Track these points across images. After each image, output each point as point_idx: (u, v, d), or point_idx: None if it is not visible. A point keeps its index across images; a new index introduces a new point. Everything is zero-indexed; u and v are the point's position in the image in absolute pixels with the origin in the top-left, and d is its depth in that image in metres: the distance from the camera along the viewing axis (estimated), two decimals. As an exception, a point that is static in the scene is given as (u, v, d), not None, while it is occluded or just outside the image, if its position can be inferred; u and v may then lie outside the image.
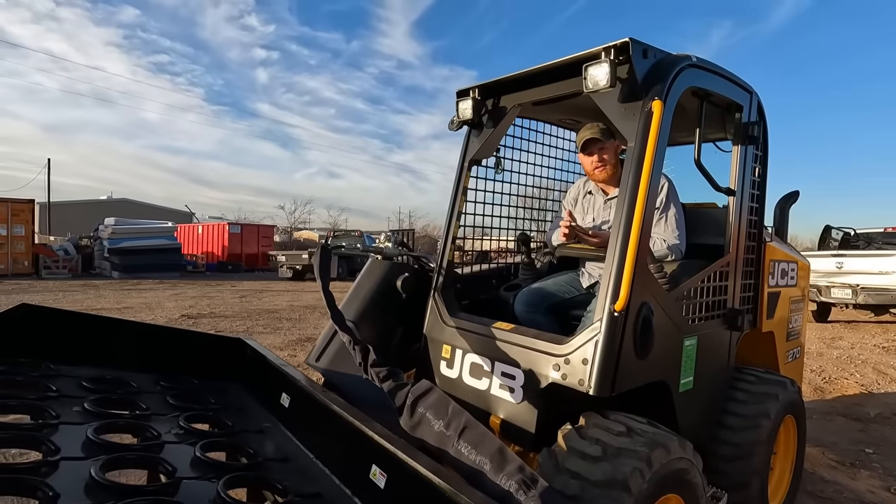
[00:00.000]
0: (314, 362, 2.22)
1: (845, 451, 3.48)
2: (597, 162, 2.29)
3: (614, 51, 1.63)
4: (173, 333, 2.36)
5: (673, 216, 2.17)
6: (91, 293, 11.31)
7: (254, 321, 8.09)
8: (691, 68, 1.79)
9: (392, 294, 2.35)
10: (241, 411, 1.95)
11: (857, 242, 9.50)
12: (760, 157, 2.32)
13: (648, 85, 1.67)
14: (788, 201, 2.83)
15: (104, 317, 2.11)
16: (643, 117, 1.65)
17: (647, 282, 1.69)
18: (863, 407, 4.53)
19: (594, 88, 1.67)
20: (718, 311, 2.11)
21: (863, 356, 6.81)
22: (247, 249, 22.61)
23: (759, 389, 2.22)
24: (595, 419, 1.60)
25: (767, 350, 2.66)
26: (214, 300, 10.73)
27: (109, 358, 1.99)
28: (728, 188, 2.14)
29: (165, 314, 8.52)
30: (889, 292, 8.12)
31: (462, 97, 2.23)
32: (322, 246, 1.97)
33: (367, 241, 18.14)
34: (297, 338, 6.73)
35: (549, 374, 1.70)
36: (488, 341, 1.94)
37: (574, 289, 2.42)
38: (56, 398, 1.57)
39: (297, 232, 42.71)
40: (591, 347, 1.60)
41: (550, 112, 2.65)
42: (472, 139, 2.33)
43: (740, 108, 2.14)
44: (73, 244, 17.98)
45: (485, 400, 1.93)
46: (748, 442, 2.08)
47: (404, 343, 2.38)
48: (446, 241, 2.33)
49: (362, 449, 1.38)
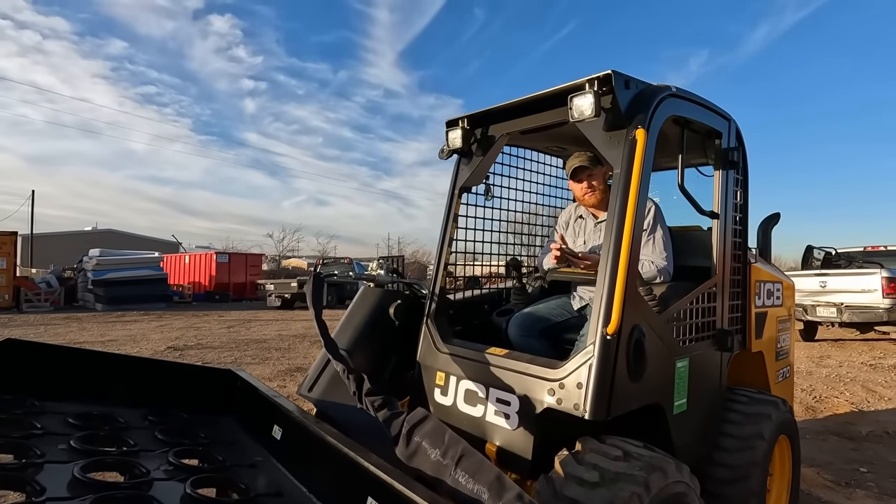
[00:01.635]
0: (306, 392, 2.19)
1: (840, 471, 3.48)
2: (586, 188, 2.36)
3: (598, 82, 1.70)
4: (161, 366, 2.32)
5: (660, 238, 2.22)
6: (74, 326, 11.05)
7: (242, 352, 7.95)
8: (671, 98, 1.87)
9: (385, 321, 2.35)
10: (232, 445, 1.91)
11: (838, 262, 9.70)
12: (741, 181, 2.39)
13: (631, 114, 1.74)
14: (770, 223, 2.90)
15: (91, 350, 2.07)
16: (627, 145, 1.71)
17: (637, 304, 1.71)
18: (854, 425, 4.55)
19: (579, 118, 1.73)
20: (708, 332, 2.13)
21: (851, 374, 6.87)
22: (235, 279, 22.37)
23: (752, 410, 2.23)
24: (591, 444, 1.59)
25: (758, 370, 2.68)
26: (201, 331, 10.54)
27: (96, 393, 1.95)
28: (712, 211, 2.20)
29: (151, 346, 8.34)
30: (872, 310, 8.26)
31: (451, 127, 2.28)
32: (314, 275, 1.97)
33: (358, 268, 18.08)
34: (286, 368, 6.61)
35: (543, 399, 1.70)
36: (482, 367, 1.94)
37: (566, 312, 2.44)
38: (41, 436, 1.53)
39: (286, 260, 42.42)
40: (584, 371, 1.61)
41: (538, 140, 2.72)
42: (462, 167, 2.38)
43: (720, 135, 2.22)
44: (55, 276, 17.66)
45: (480, 427, 1.91)
46: (744, 463, 2.08)
47: (398, 371, 2.36)
48: (438, 267, 2.34)
49: (357, 480, 1.36)
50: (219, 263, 22.22)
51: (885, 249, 9.95)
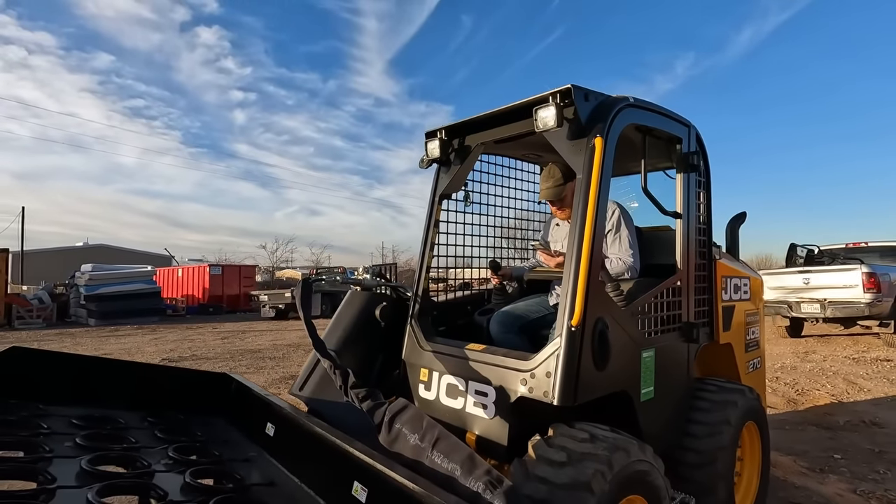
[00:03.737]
0: (297, 391, 2.31)
1: (816, 458, 3.62)
2: (557, 210, 2.60)
3: (559, 95, 1.85)
4: (159, 371, 2.43)
5: (626, 237, 2.37)
6: (67, 342, 11.05)
7: (236, 362, 8.01)
8: (629, 108, 2.02)
9: (372, 323, 2.48)
10: (228, 443, 2.02)
11: (821, 259, 9.92)
12: (704, 183, 2.55)
13: (591, 124, 1.89)
14: (737, 222, 3.06)
15: (91, 357, 2.18)
16: (588, 152, 1.86)
17: (601, 298, 1.85)
18: (833, 416, 4.70)
19: (544, 128, 1.88)
20: (674, 324, 2.28)
21: (834, 368, 7.05)
22: (228, 290, 22.34)
23: (719, 398, 2.36)
24: (562, 429, 1.72)
25: (728, 361, 2.83)
26: (195, 343, 10.58)
27: (97, 397, 2.06)
28: (675, 212, 2.35)
29: (145, 359, 8.38)
30: (854, 305, 8.46)
31: (430, 138, 2.43)
32: (303, 279, 2.10)
33: (349, 276, 18.17)
34: (280, 376, 6.69)
35: (517, 389, 1.83)
36: (462, 362, 2.07)
37: (543, 308, 2.58)
38: (48, 434, 1.64)
39: (280, 271, 42.30)
40: (553, 361, 1.74)
41: (513, 148, 2.87)
42: (441, 175, 2.52)
43: (679, 141, 2.38)
44: (47, 292, 17.57)
45: (461, 418, 2.04)
46: (712, 448, 2.21)
47: (385, 369, 2.49)
48: (420, 270, 2.48)
49: (344, 467, 1.48)
50: (212, 276, 22.19)
51: (865, 245, 10.19)
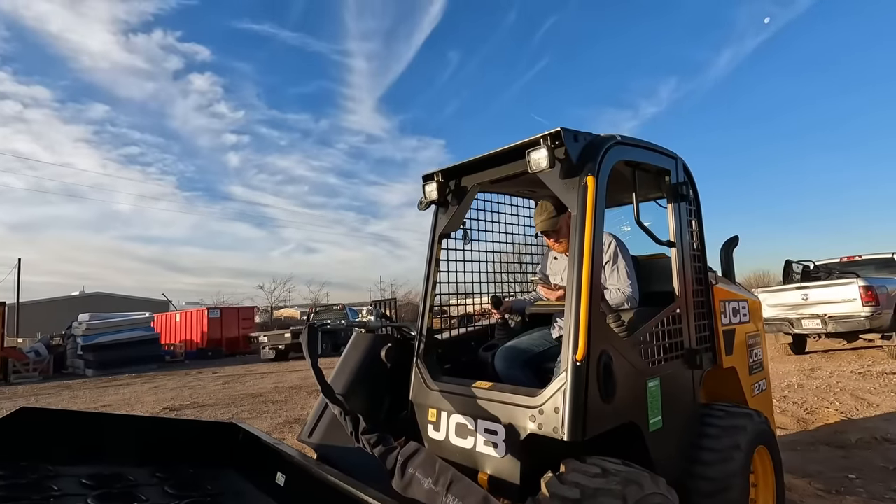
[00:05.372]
0: (307, 438, 2.30)
1: (830, 479, 3.57)
2: (553, 242, 2.66)
3: (550, 137, 1.94)
4: (165, 423, 2.43)
5: (623, 268, 2.42)
6: (65, 395, 10.86)
7: (238, 407, 7.89)
8: (617, 146, 2.11)
9: (378, 365, 2.49)
10: (239, 495, 2.01)
11: (817, 274, 9.99)
12: (694, 211, 2.62)
13: (582, 163, 1.97)
14: (730, 246, 3.13)
15: (98, 413, 2.18)
16: (581, 190, 1.93)
17: (603, 331, 1.89)
18: (844, 434, 4.66)
19: (537, 169, 1.96)
20: (677, 352, 2.30)
21: (841, 384, 7.00)
22: (227, 333, 22.14)
23: (727, 423, 2.37)
24: (573, 464, 1.73)
25: (734, 385, 2.84)
26: (196, 389, 10.42)
27: (106, 453, 2.05)
28: (669, 241, 2.42)
29: (146, 409, 8.24)
30: (854, 319, 8.47)
31: (427, 181, 2.51)
32: (309, 325, 2.12)
33: (351, 314, 18.07)
34: (284, 420, 6.59)
35: (526, 426, 1.84)
36: (470, 401, 2.08)
37: (547, 342, 2.60)
38: (60, 497, 1.63)
39: (278, 311, 42.09)
40: (560, 396, 1.76)
41: (508, 186, 2.96)
42: (440, 216, 2.59)
43: (668, 172, 2.47)
44: (44, 344, 17.35)
45: (472, 458, 2.03)
46: (724, 475, 2.19)
47: (393, 411, 2.49)
48: (424, 309, 2.51)
49: (358, 515, 1.48)
50: (210, 319, 22.03)
51: (860, 259, 10.29)
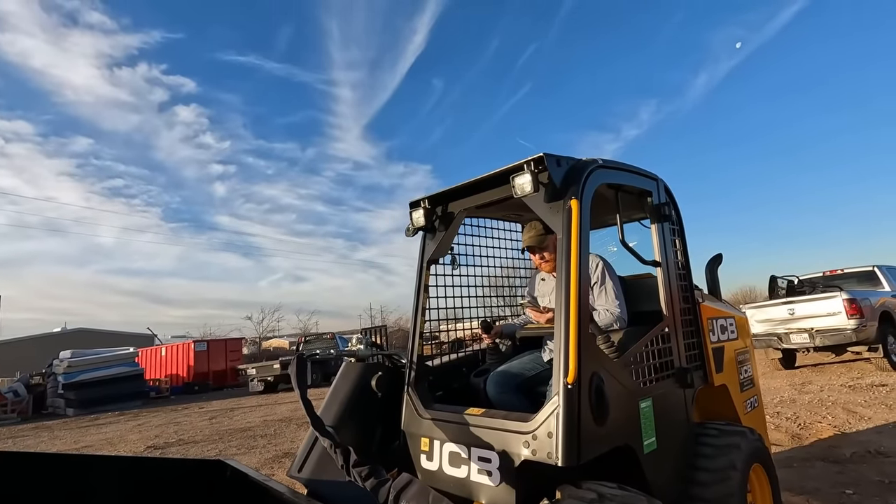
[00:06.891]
0: (296, 473, 2.24)
1: (827, 496, 3.55)
2: (540, 260, 2.67)
3: (533, 163, 1.98)
4: (150, 463, 2.35)
5: (611, 289, 2.44)
6: (44, 436, 10.46)
7: (226, 443, 7.66)
8: (599, 169, 2.16)
9: (368, 394, 2.45)
10: (226, 536, 1.93)
11: (802, 289, 10.14)
12: (677, 230, 2.67)
13: (566, 187, 2.01)
14: (715, 264, 3.18)
15: (78, 455, 2.10)
16: (565, 213, 1.96)
17: (593, 353, 1.89)
18: (839, 448, 4.66)
19: (522, 194, 1.99)
20: (667, 371, 2.31)
21: (832, 397, 7.03)
22: (214, 366, 21.65)
23: (721, 442, 2.36)
24: (569, 490, 1.70)
25: (726, 403, 2.84)
26: (182, 426, 10.11)
27: (86, 498, 1.97)
28: (654, 261, 2.45)
29: (129, 448, 7.96)
30: (840, 332, 8.57)
31: (414, 207, 2.53)
32: (298, 356, 2.09)
33: (341, 342, 17.84)
34: (273, 455, 6.40)
35: (520, 453, 1.82)
36: (462, 428, 2.05)
37: (538, 365, 2.59)
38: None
39: (267, 341, 41.37)
40: (553, 421, 1.75)
41: (494, 211, 2.99)
42: (427, 242, 2.61)
43: (650, 193, 2.52)
44: (23, 384, 16.79)
45: (466, 488, 1.99)
46: (721, 496, 2.17)
47: (385, 442, 2.44)
48: (413, 337, 2.50)
49: (351, 552, 1.43)
50: (197, 352, 21.55)
51: (842, 272, 10.48)
